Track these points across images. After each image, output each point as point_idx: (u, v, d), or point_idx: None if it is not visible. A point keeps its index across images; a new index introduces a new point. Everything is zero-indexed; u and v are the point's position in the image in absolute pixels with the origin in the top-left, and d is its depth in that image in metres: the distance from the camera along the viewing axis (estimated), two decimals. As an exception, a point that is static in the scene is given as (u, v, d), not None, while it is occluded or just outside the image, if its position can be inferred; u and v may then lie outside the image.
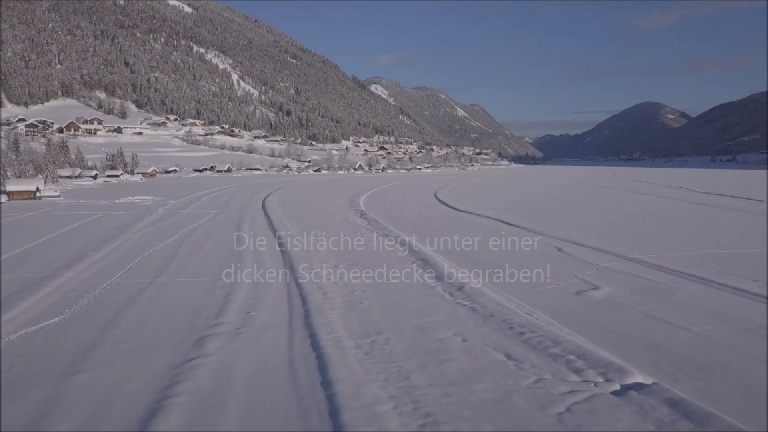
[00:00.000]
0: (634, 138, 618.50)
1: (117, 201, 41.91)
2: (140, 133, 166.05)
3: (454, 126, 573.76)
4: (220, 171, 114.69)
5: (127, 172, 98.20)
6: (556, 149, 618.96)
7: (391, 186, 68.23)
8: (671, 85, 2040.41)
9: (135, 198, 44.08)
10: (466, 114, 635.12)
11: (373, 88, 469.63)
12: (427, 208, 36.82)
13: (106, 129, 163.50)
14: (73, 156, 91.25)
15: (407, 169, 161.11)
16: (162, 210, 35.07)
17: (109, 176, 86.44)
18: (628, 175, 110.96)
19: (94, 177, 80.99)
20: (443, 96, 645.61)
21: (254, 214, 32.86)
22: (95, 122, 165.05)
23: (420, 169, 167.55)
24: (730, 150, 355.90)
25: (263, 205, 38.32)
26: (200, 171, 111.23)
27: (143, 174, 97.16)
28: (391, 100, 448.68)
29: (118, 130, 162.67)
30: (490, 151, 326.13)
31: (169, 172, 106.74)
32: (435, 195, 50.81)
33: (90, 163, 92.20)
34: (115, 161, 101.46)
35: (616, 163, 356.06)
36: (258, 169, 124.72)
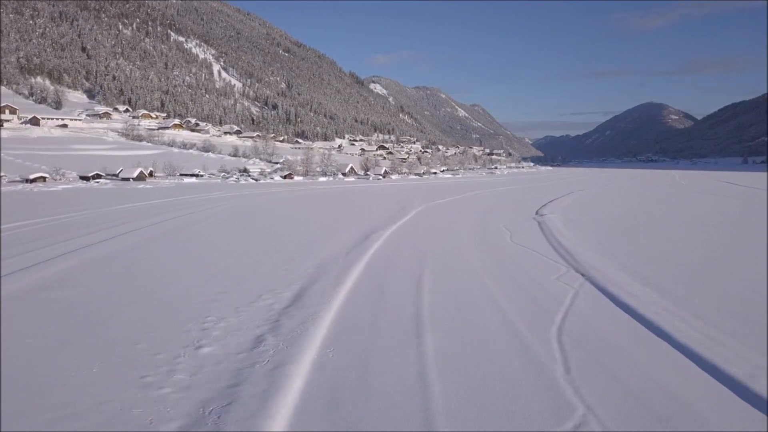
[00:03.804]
0: (638, 139, 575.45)
1: None
2: (65, 126, 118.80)
3: (455, 126, 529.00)
4: (127, 178, 67.04)
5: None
6: (558, 150, 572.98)
7: (410, 224, 21.16)
8: (671, 86, 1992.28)
9: None
10: (467, 114, 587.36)
11: (371, 87, 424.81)
12: None
13: (21, 120, 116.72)
14: None
15: (418, 174, 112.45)
16: None
17: None
18: (746, 182, 67.54)
19: None
20: (444, 96, 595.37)
21: None
22: (6, 111, 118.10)
23: (435, 173, 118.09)
24: (755, 150, 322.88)
25: None
26: (87, 179, 63.71)
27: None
28: (390, 99, 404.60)
29: (34, 122, 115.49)
30: (501, 151, 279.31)
31: (32, 180, 59.59)
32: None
33: None
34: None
35: (637, 165, 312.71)
36: (196, 175, 77.40)
